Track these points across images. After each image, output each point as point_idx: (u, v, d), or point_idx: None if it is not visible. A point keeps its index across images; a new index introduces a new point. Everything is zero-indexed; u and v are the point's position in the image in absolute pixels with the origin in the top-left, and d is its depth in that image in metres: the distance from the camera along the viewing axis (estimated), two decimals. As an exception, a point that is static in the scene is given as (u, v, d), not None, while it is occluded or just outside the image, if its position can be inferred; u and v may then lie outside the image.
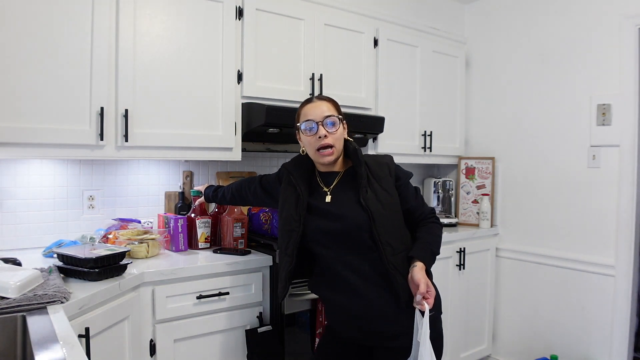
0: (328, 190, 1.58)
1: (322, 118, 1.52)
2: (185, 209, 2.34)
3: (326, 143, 1.51)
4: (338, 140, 1.54)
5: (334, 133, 1.52)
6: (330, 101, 1.59)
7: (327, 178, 1.61)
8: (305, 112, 1.56)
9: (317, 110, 1.54)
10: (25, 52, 1.71)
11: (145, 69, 1.97)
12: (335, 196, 1.56)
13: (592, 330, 2.65)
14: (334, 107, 1.57)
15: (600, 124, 2.63)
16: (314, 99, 1.60)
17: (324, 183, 1.61)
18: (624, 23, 2.53)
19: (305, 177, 1.62)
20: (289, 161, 1.69)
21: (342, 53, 2.59)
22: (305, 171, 1.64)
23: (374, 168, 1.56)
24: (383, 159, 1.63)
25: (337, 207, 1.53)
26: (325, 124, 1.51)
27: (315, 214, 1.56)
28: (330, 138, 1.52)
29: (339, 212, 1.51)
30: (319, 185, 1.61)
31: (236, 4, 2.20)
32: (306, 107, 1.58)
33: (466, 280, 2.93)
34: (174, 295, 1.79)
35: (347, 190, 1.56)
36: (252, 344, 1.91)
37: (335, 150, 1.54)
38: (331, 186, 1.59)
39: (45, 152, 1.78)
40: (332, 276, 1.55)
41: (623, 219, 2.53)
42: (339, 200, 1.55)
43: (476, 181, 3.22)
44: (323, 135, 1.51)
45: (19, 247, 2.01)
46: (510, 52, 3.10)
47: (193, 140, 2.10)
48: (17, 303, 1.22)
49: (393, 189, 1.55)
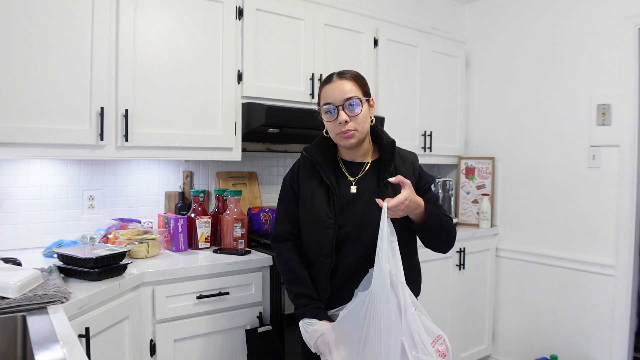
0: (354, 180, 1.47)
1: (342, 101, 1.39)
2: (185, 209, 2.34)
3: (347, 129, 1.40)
4: (361, 123, 1.42)
5: (355, 116, 1.40)
6: (353, 79, 1.44)
7: (353, 167, 1.50)
8: (325, 94, 1.44)
9: (336, 91, 1.41)
10: (25, 52, 1.71)
11: (145, 69, 1.97)
12: (360, 187, 1.46)
13: (592, 330, 2.65)
14: (356, 85, 1.42)
15: (600, 124, 2.63)
16: (334, 77, 1.44)
17: (349, 172, 1.49)
18: (624, 23, 2.53)
19: (330, 164, 1.50)
20: (311, 145, 1.53)
21: (342, 53, 2.59)
22: (330, 156, 1.51)
23: (399, 164, 1.47)
24: (409, 155, 1.53)
25: (361, 199, 1.43)
26: (345, 107, 1.39)
27: (343, 207, 1.44)
28: (352, 123, 1.40)
29: (362, 205, 1.42)
30: (344, 173, 1.49)
31: (236, 4, 2.20)
32: (325, 87, 1.44)
33: (466, 280, 2.93)
34: (174, 295, 1.79)
35: (370, 183, 1.46)
36: (252, 344, 1.91)
37: (358, 133, 1.42)
38: (357, 176, 1.48)
39: (45, 152, 1.78)
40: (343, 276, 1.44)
41: (623, 219, 2.53)
42: (362, 192, 1.44)
43: (476, 181, 3.22)
44: (343, 120, 1.39)
45: (19, 247, 2.01)
46: (510, 52, 3.10)
47: (193, 140, 2.10)
48: (17, 303, 1.22)
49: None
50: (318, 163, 1.47)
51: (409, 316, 1.29)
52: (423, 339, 1.29)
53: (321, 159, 1.48)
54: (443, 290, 2.79)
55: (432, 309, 2.71)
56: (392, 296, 1.28)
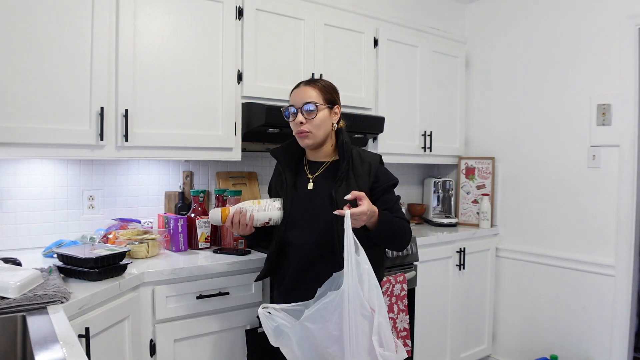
0: (312, 178, 1.62)
1: (301, 104, 1.55)
2: (185, 209, 2.34)
3: (301, 130, 1.55)
4: (317, 127, 1.56)
5: (311, 120, 1.55)
6: (318, 87, 1.59)
7: (314, 166, 1.65)
8: (292, 97, 1.61)
9: (299, 95, 1.58)
10: (25, 52, 1.71)
11: (145, 68, 1.97)
12: (317, 184, 1.60)
13: (592, 330, 2.65)
14: (319, 93, 1.57)
15: (600, 124, 2.63)
16: (302, 83, 1.62)
17: (310, 171, 1.65)
18: (624, 23, 2.53)
19: (292, 162, 1.67)
20: (278, 147, 1.72)
21: (342, 53, 2.59)
22: (293, 155, 1.68)
23: (356, 163, 1.58)
24: (369, 156, 1.63)
25: (316, 195, 1.57)
26: (303, 110, 1.54)
27: (297, 200, 1.60)
28: (307, 125, 1.55)
29: (316, 201, 1.56)
30: (305, 172, 1.65)
31: (236, 4, 2.20)
32: (293, 92, 1.62)
33: (466, 280, 2.93)
34: (174, 295, 1.79)
35: (328, 180, 1.59)
36: (252, 344, 1.91)
37: (312, 136, 1.56)
38: (315, 174, 1.62)
39: (45, 152, 1.78)
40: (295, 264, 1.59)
41: (623, 219, 2.53)
42: (319, 188, 1.59)
43: (476, 181, 3.22)
44: (299, 122, 1.55)
45: (19, 247, 2.01)
46: (511, 52, 3.10)
47: (193, 140, 2.10)
48: (17, 303, 1.22)
49: (367, 188, 1.56)
50: (280, 162, 1.66)
51: (379, 316, 1.36)
52: (388, 337, 1.37)
53: (283, 158, 1.66)
54: (443, 290, 2.79)
55: (432, 309, 2.72)
56: (363, 297, 1.35)
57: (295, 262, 1.59)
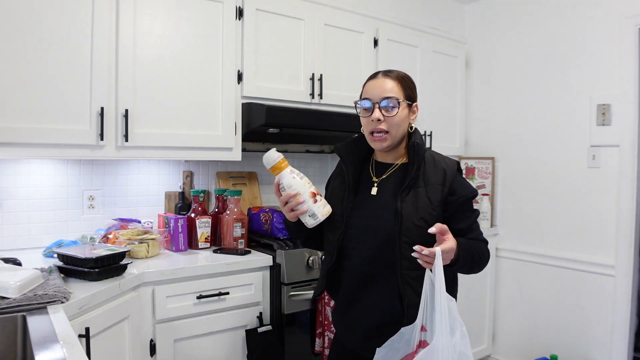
0: (377, 182, 1.40)
1: (379, 99, 1.33)
2: (185, 209, 2.34)
3: (379, 128, 1.33)
4: (395, 127, 1.34)
5: (390, 118, 1.32)
6: (398, 79, 1.38)
7: (381, 168, 1.43)
8: (366, 89, 1.38)
9: (377, 88, 1.35)
10: (25, 52, 1.71)
11: (145, 68, 1.97)
12: (381, 188, 1.38)
13: (592, 330, 2.65)
14: (399, 87, 1.36)
15: (600, 124, 2.63)
16: (380, 74, 1.39)
17: (376, 173, 1.42)
18: (624, 23, 2.53)
19: (357, 163, 1.44)
20: (342, 143, 1.47)
21: (342, 53, 2.59)
22: (359, 155, 1.45)
23: (429, 169, 1.37)
24: (445, 161, 1.40)
25: (378, 202, 1.36)
26: (381, 106, 1.32)
27: (357, 207, 1.39)
28: (385, 123, 1.33)
29: (377, 208, 1.35)
30: (370, 174, 1.43)
31: (236, 4, 2.20)
32: (368, 83, 1.40)
33: (466, 280, 2.92)
34: (174, 295, 1.79)
35: (394, 185, 1.37)
36: (252, 344, 1.91)
37: (390, 137, 1.34)
38: (381, 177, 1.40)
39: (45, 152, 1.78)
40: (350, 280, 1.38)
41: (623, 219, 2.53)
42: (383, 193, 1.37)
43: (476, 181, 3.22)
44: (376, 119, 1.32)
45: (19, 247, 2.01)
46: (510, 52, 3.10)
47: (193, 140, 2.10)
48: (17, 303, 1.22)
49: (438, 200, 1.32)
50: (343, 161, 1.44)
51: None
52: None
53: (347, 157, 1.43)
54: (443, 290, 2.79)
55: (432, 309, 2.71)
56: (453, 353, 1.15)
57: (351, 277, 1.38)
